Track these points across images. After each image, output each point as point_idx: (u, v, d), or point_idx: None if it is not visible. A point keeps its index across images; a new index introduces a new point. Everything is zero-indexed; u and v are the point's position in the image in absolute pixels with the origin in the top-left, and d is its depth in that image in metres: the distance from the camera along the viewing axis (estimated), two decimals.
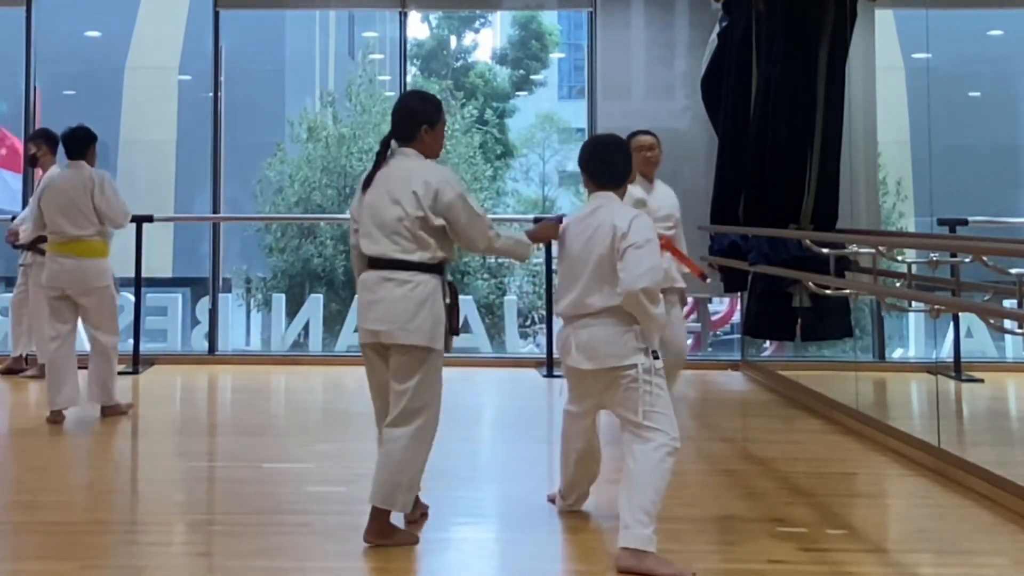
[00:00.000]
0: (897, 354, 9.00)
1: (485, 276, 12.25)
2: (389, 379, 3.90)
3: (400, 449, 3.85)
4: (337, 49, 15.52)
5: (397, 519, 3.97)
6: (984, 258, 5.20)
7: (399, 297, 3.82)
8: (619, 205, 3.96)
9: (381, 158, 3.94)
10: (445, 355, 3.98)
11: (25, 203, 8.50)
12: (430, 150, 3.98)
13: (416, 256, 3.84)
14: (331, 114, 12.92)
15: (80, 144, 6.37)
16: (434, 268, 3.87)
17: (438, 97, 4.21)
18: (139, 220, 8.08)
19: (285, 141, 12.80)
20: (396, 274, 3.84)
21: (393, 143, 4.00)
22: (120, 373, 6.71)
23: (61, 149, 6.58)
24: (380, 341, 3.87)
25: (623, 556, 3.64)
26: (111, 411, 6.34)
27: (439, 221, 3.82)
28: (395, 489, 3.85)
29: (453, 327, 3.95)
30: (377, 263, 3.87)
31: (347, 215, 4.31)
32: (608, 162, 4.02)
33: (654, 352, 3.83)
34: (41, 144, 7.85)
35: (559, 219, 4.11)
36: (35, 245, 7.71)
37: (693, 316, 10.19)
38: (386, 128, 4.07)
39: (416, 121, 3.96)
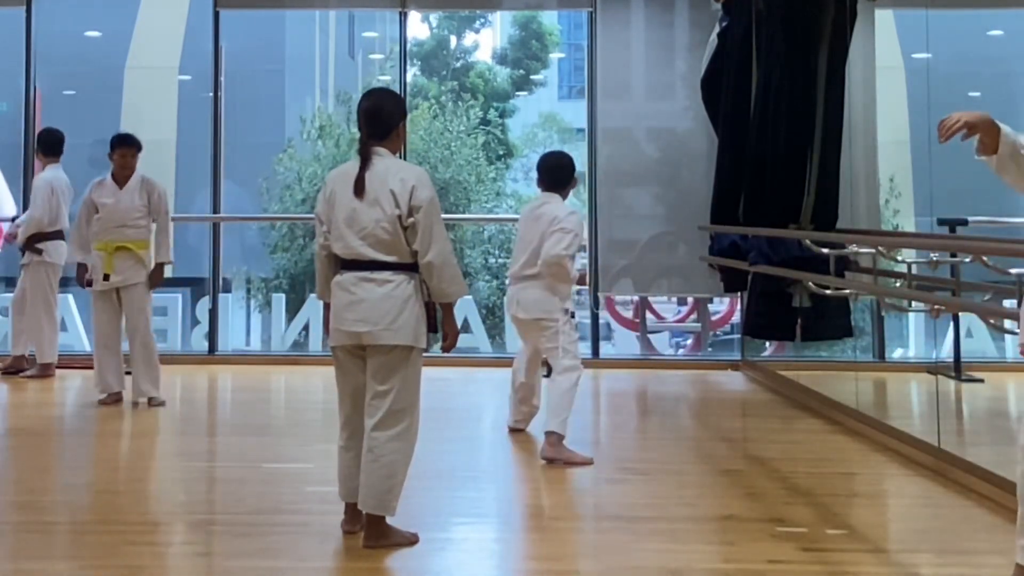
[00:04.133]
0: (897, 354, 9.00)
1: (487, 277, 12.25)
2: (367, 381, 3.89)
3: (389, 453, 3.85)
4: (337, 49, 15.51)
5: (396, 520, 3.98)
6: (984, 258, 5.20)
7: (381, 297, 3.82)
8: (561, 204, 5.49)
9: (366, 160, 3.87)
10: (444, 355, 3.99)
11: (26, 206, 8.50)
12: (398, 146, 4.03)
13: (395, 256, 3.84)
14: (345, 113, 12.90)
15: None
16: (412, 267, 3.87)
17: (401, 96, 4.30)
18: None
19: (296, 138, 12.80)
20: (375, 274, 3.84)
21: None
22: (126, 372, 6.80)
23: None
24: (361, 342, 3.85)
25: (547, 441, 5.23)
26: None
27: (410, 220, 3.81)
28: (387, 494, 3.86)
29: (431, 325, 3.94)
30: (354, 264, 3.86)
31: None
32: (558, 171, 5.55)
33: (572, 312, 5.43)
34: (36, 147, 7.94)
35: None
36: (30, 245, 7.73)
37: (693, 316, 10.20)
38: None
39: (392, 120, 3.97)
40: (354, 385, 3.95)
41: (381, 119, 3.94)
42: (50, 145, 7.86)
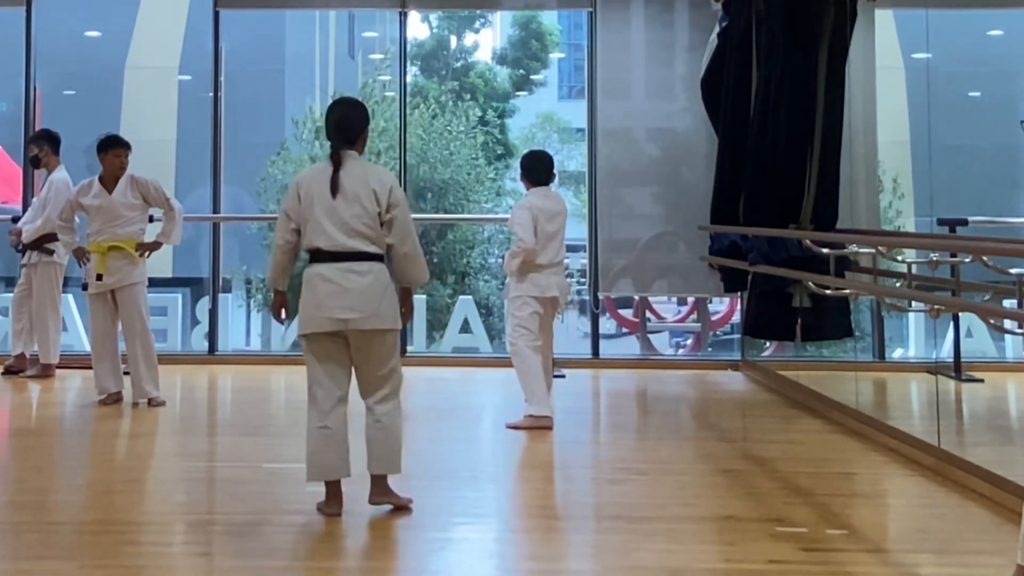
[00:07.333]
0: (897, 354, 9.00)
1: (486, 277, 12.25)
2: (360, 365, 4.27)
3: (393, 418, 4.30)
4: (337, 49, 15.51)
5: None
6: (984, 258, 5.21)
7: (366, 286, 4.19)
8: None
9: (338, 163, 4.25)
10: (446, 355, 4.08)
11: (26, 206, 8.49)
12: (363, 148, 4.43)
13: (373, 248, 4.24)
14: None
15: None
16: (383, 257, 4.30)
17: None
18: None
19: (289, 140, 12.78)
20: (357, 265, 4.20)
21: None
22: (124, 373, 6.81)
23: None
24: (348, 328, 4.18)
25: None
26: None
27: (388, 216, 4.24)
28: (396, 455, 4.29)
29: (408, 308, 4.42)
30: (336, 256, 4.20)
31: None
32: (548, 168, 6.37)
33: None
34: (44, 145, 7.86)
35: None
36: (40, 245, 7.72)
37: (693, 316, 10.20)
38: (390, 128, 4.24)
39: (360, 127, 4.39)
40: (336, 366, 4.26)
41: (350, 127, 4.35)
42: (59, 142, 7.88)
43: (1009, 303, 5.73)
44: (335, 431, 4.21)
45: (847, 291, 6.32)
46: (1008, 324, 5.55)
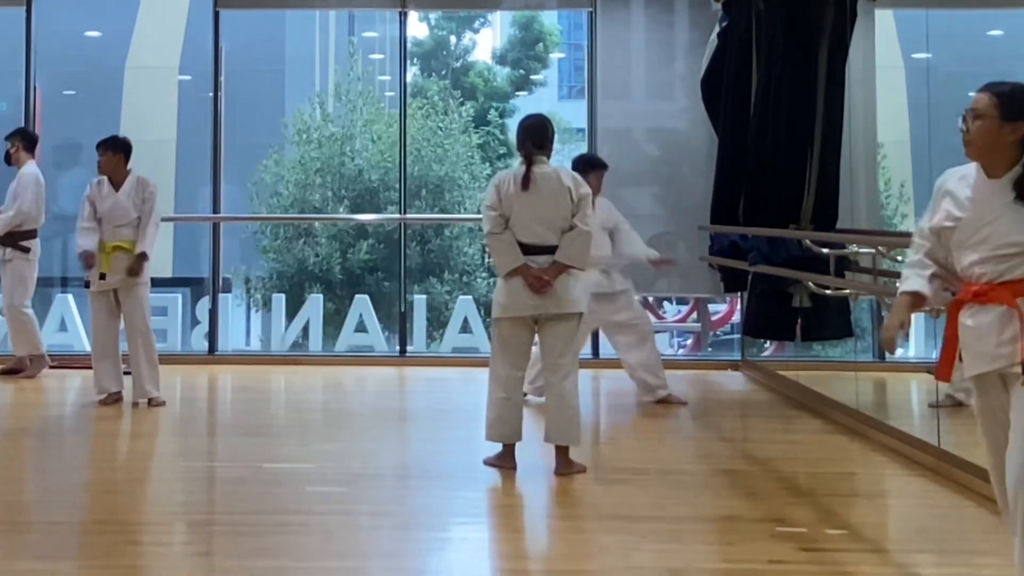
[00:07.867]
0: (897, 354, 8.99)
1: (484, 275, 12.24)
2: (544, 343, 4.88)
3: (572, 394, 4.85)
4: (337, 49, 15.51)
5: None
6: None
7: (562, 276, 4.81)
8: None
9: (530, 164, 4.83)
10: (446, 355, 4.13)
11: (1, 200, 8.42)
12: (550, 154, 5.01)
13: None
14: (331, 113, 12.83)
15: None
16: None
17: None
18: None
19: (283, 143, 12.75)
20: (550, 256, 4.83)
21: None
22: (125, 373, 6.79)
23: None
24: (545, 312, 4.79)
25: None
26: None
27: (575, 204, 4.83)
28: (576, 428, 4.86)
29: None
30: (537, 249, 4.82)
31: (343, 215, 4.79)
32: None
33: None
34: (17, 142, 7.88)
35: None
36: (16, 242, 7.69)
37: (693, 316, 10.20)
38: (380, 128, 4.33)
39: (550, 135, 5.01)
40: (518, 346, 4.89)
41: (543, 133, 4.96)
42: (34, 141, 7.90)
43: None
44: (514, 401, 4.88)
45: (847, 291, 6.32)
46: None
